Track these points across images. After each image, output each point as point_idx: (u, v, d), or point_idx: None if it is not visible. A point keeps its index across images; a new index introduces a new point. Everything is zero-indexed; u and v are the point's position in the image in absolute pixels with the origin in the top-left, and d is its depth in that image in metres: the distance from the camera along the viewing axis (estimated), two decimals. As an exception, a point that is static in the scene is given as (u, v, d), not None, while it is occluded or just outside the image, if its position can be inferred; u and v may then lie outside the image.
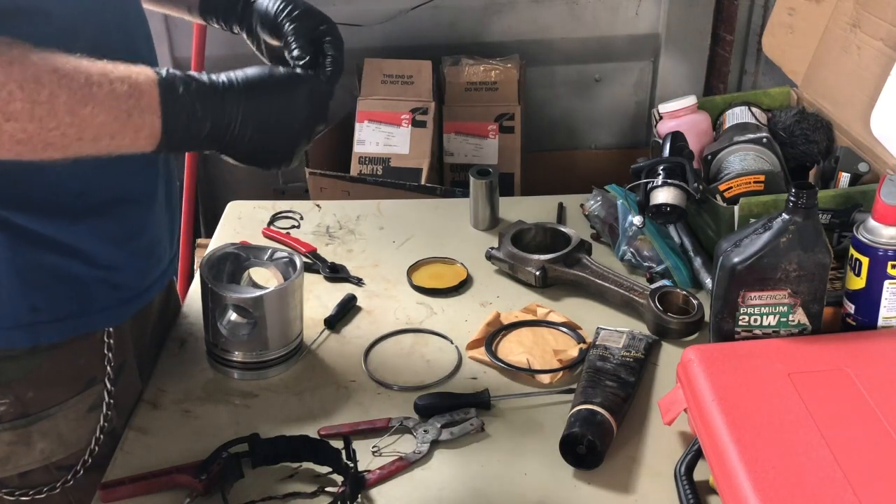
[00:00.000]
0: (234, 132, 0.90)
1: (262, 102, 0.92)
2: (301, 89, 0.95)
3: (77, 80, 0.81)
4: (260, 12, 1.08)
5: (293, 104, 0.94)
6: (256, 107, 0.91)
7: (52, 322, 1.01)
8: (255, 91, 0.92)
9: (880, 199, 1.04)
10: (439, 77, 2.42)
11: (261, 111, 0.91)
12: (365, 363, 1.20)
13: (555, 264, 1.34)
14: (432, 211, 1.60)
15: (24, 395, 1.02)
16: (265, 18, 1.08)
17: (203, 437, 1.06)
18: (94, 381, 1.07)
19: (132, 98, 0.84)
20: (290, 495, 0.98)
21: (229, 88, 0.90)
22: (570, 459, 1.01)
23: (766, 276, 1.06)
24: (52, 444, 1.05)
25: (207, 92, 0.89)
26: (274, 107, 0.93)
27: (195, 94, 0.88)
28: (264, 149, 0.94)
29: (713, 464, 0.92)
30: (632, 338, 1.20)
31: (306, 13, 1.06)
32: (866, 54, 1.40)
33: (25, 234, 0.96)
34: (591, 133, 2.72)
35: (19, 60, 0.79)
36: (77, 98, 0.81)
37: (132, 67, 0.86)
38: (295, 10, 1.05)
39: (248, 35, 1.13)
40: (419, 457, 1.03)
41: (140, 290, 1.11)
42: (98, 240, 1.02)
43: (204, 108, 0.88)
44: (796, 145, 1.43)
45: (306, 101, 0.95)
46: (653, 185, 1.32)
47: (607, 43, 2.59)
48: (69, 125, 0.81)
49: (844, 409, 0.92)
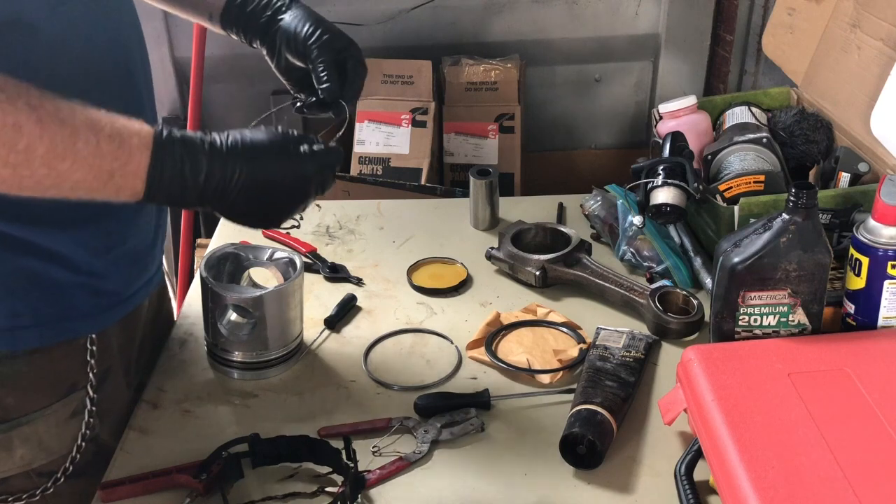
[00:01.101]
0: (228, 198, 0.88)
1: (262, 173, 0.89)
2: (307, 165, 0.92)
3: (61, 134, 0.78)
4: (287, 33, 1.07)
5: (295, 180, 0.92)
6: (254, 177, 0.88)
7: (32, 327, 0.99)
8: (256, 162, 0.88)
9: (880, 199, 1.04)
10: (439, 77, 2.42)
11: (258, 182, 0.89)
12: (365, 363, 1.20)
13: (555, 264, 1.34)
14: (432, 211, 1.60)
15: (4, 399, 1.00)
16: (292, 40, 1.07)
17: (203, 437, 1.06)
18: (76, 387, 1.05)
19: (118, 160, 0.82)
20: (290, 495, 0.98)
21: (231, 152, 0.87)
22: (570, 459, 1.01)
23: (766, 276, 1.06)
24: (32, 451, 1.03)
25: (203, 160, 0.85)
26: (273, 179, 0.90)
27: (189, 166, 0.85)
28: (254, 214, 0.93)
29: (713, 464, 0.92)
30: (632, 338, 1.20)
31: (334, 38, 1.05)
32: (866, 54, 1.40)
33: (5, 238, 0.94)
34: (591, 133, 2.72)
35: (4, 105, 0.76)
36: (56, 152, 0.78)
37: (129, 125, 0.83)
38: (324, 35, 1.05)
39: (268, 52, 1.10)
40: (419, 457, 1.03)
41: (124, 297, 1.09)
42: (80, 247, 1.00)
43: (195, 177, 0.85)
44: (796, 145, 1.43)
45: (309, 178, 0.93)
46: (653, 185, 1.32)
47: (607, 43, 2.59)
48: (45, 176, 0.79)
49: (844, 409, 0.92)
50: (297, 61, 1.08)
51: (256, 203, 0.91)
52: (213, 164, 0.86)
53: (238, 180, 0.87)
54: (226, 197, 0.88)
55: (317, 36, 1.05)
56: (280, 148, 0.91)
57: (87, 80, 0.94)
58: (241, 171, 0.87)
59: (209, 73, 2.28)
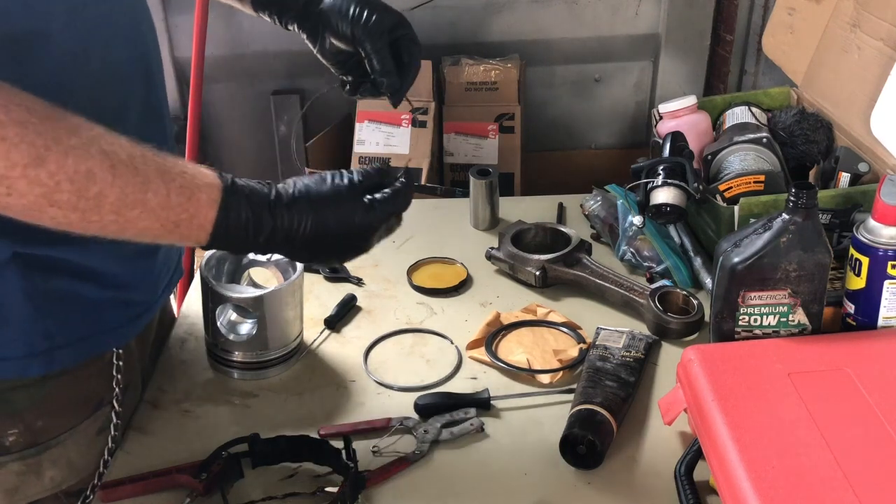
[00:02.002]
0: (292, 247, 0.88)
1: (325, 226, 0.88)
2: (372, 216, 0.91)
3: (132, 182, 0.78)
4: (331, 16, 1.03)
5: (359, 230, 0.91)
6: (317, 230, 0.88)
7: (65, 347, 0.97)
8: (320, 215, 0.88)
9: (880, 199, 1.04)
10: (439, 77, 2.42)
11: (321, 235, 0.88)
12: (365, 363, 1.20)
13: (555, 264, 1.34)
14: (432, 211, 1.60)
15: (34, 423, 0.98)
16: (338, 23, 1.02)
17: (203, 437, 1.06)
18: (103, 403, 1.04)
19: (186, 213, 0.81)
20: (290, 495, 0.98)
21: (295, 206, 0.87)
22: (570, 459, 1.01)
23: (766, 276, 1.06)
24: (62, 472, 1.01)
25: (267, 216, 0.85)
26: (337, 231, 0.89)
27: (253, 223, 0.85)
28: (318, 259, 0.94)
29: (713, 464, 0.91)
30: (632, 338, 1.20)
31: (383, 17, 1.01)
32: (866, 54, 1.40)
33: (37, 260, 0.92)
34: (591, 133, 2.72)
35: (78, 150, 0.75)
36: (126, 201, 0.78)
37: (197, 176, 0.82)
38: (373, 15, 1.01)
39: (308, 36, 1.07)
40: (419, 457, 1.03)
41: (150, 304, 1.08)
42: (110, 259, 0.98)
43: (257, 232, 0.85)
44: (796, 145, 1.43)
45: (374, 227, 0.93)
46: (653, 185, 1.32)
47: (607, 43, 2.59)
48: (112, 222, 0.78)
49: (844, 409, 0.92)
50: (343, 45, 1.04)
51: (320, 250, 0.91)
52: (277, 219, 0.86)
53: (302, 233, 0.88)
54: (289, 245, 0.88)
55: (365, 18, 1.00)
56: (344, 200, 0.90)
57: (109, 87, 0.92)
58: (305, 225, 0.87)
59: (209, 73, 2.29)
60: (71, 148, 0.75)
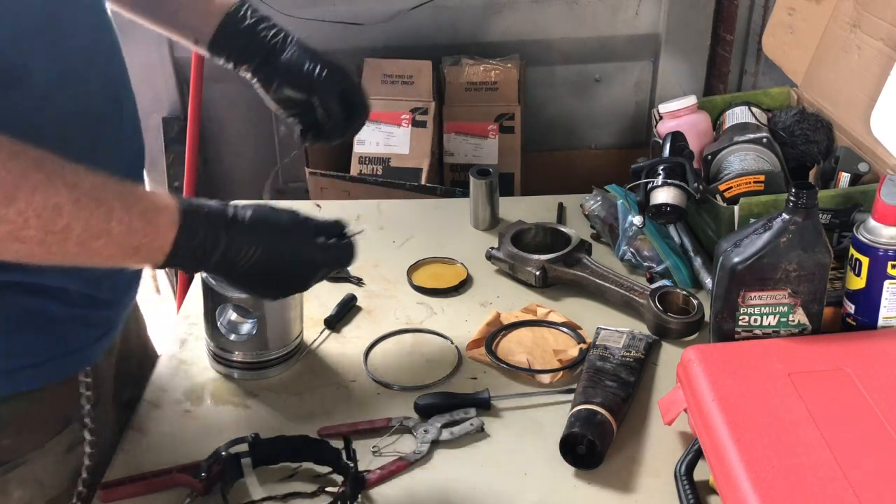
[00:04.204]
0: (236, 271, 0.91)
1: (274, 256, 0.91)
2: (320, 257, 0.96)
3: (97, 214, 0.79)
4: (288, 69, 1.11)
5: (304, 268, 0.95)
6: (265, 258, 0.91)
7: (29, 368, 0.95)
8: (272, 244, 0.91)
9: (880, 199, 1.04)
10: (439, 77, 2.42)
11: (267, 264, 0.91)
12: (365, 363, 1.20)
13: (555, 264, 1.34)
14: (432, 211, 1.60)
15: (0, 442, 0.96)
16: (295, 76, 1.11)
17: (203, 437, 1.06)
18: (70, 420, 1.01)
19: (147, 237, 0.83)
20: (290, 495, 0.98)
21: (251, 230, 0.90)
22: (570, 459, 1.01)
23: (766, 276, 1.06)
24: (30, 491, 0.99)
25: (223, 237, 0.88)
26: (282, 267, 0.93)
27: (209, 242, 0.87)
28: (255, 288, 0.96)
29: (713, 464, 0.92)
30: (632, 338, 1.20)
31: (336, 72, 1.11)
32: (866, 54, 1.40)
33: None
34: (591, 133, 2.72)
35: (45, 185, 0.75)
36: (93, 231, 0.79)
37: (157, 201, 0.85)
38: (325, 70, 1.11)
39: (262, 83, 1.14)
40: (419, 457, 1.03)
41: (115, 323, 1.07)
42: (77, 280, 0.97)
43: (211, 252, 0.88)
44: (796, 145, 1.43)
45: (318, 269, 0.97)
46: (653, 185, 1.32)
47: (607, 43, 2.59)
48: (76, 253, 0.79)
49: (844, 409, 0.92)
50: (297, 94, 1.13)
51: (260, 280, 0.93)
52: (232, 241, 0.88)
53: (250, 259, 0.90)
54: (233, 270, 0.91)
55: (318, 72, 1.10)
56: (299, 233, 0.94)
57: (80, 123, 0.93)
58: (256, 251, 0.90)
59: (209, 73, 2.28)
60: (38, 183, 0.75)
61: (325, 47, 1.15)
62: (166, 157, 2.56)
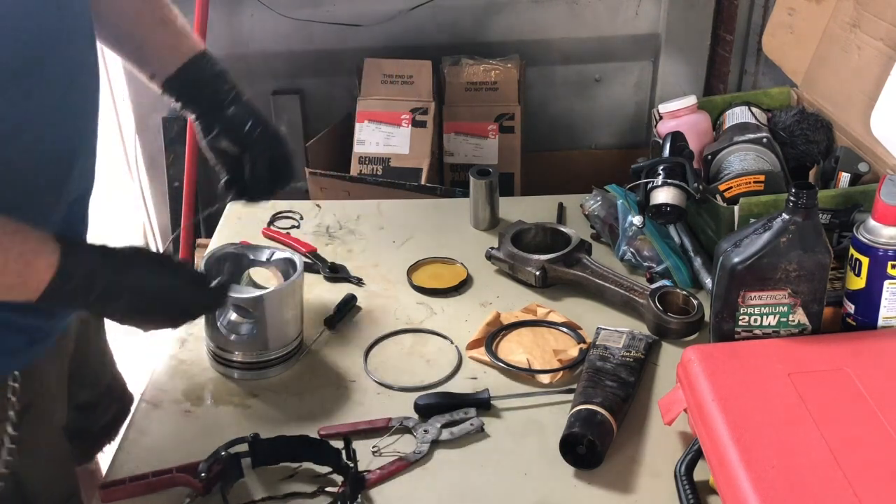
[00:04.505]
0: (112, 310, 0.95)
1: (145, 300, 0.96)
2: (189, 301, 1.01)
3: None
4: (230, 122, 1.15)
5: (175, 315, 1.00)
6: (136, 302, 0.95)
7: None
8: (144, 286, 0.96)
9: (880, 199, 1.04)
10: (439, 77, 2.42)
11: (138, 304, 0.96)
12: (365, 363, 1.20)
13: (555, 264, 1.34)
14: (432, 211, 1.60)
15: None
16: (234, 130, 1.15)
17: (203, 437, 1.06)
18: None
19: (21, 277, 0.87)
20: (290, 495, 0.98)
21: (123, 273, 0.94)
22: (570, 459, 1.01)
23: (766, 276, 1.06)
24: None
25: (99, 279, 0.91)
26: (151, 313, 0.98)
27: (82, 289, 0.90)
28: (124, 322, 0.98)
29: (713, 464, 0.91)
30: (632, 338, 1.20)
31: (272, 138, 1.17)
32: (866, 54, 1.40)
33: None
34: (591, 133, 2.72)
35: None
36: None
37: (39, 249, 0.88)
38: (264, 134, 1.16)
39: (203, 128, 1.17)
40: (419, 457, 1.03)
41: (50, 330, 1.05)
42: None
43: (85, 296, 0.91)
44: (796, 145, 1.43)
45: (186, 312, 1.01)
46: (653, 185, 1.32)
47: (607, 43, 2.59)
48: None
49: (844, 409, 0.92)
50: (231, 148, 1.17)
51: (131, 318, 0.97)
52: (106, 287, 0.92)
53: (123, 301, 0.94)
54: (105, 310, 0.96)
55: (255, 133, 1.15)
56: (167, 282, 0.98)
57: (20, 170, 0.93)
58: (128, 294, 0.94)
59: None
60: None
61: (326, 47, 1.16)
62: (166, 157, 2.56)
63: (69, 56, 0.95)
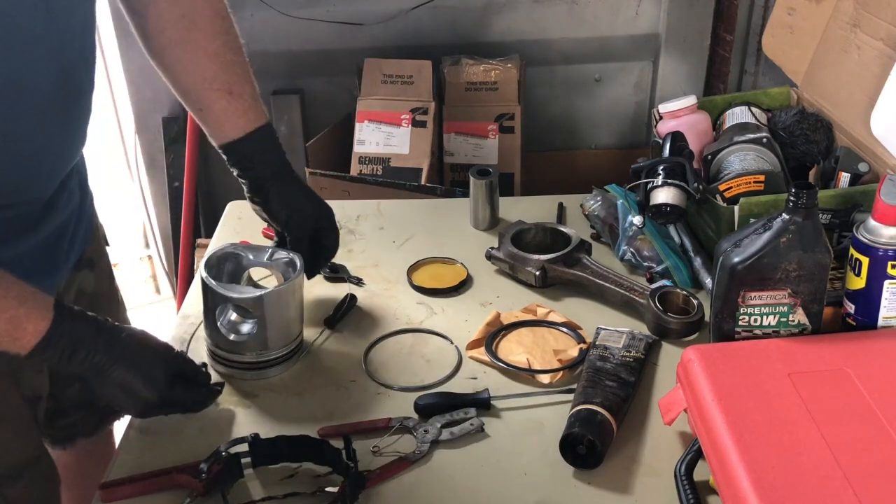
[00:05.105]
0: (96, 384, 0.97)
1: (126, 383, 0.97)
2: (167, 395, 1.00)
3: None
4: (269, 200, 1.20)
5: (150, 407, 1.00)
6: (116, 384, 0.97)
7: None
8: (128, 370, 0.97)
9: (880, 199, 1.04)
10: (439, 77, 2.42)
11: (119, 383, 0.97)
12: (365, 363, 1.20)
13: (555, 264, 1.34)
14: (432, 211, 1.60)
15: None
16: (271, 210, 1.21)
17: (203, 437, 1.06)
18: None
19: (10, 336, 0.89)
20: (290, 495, 0.98)
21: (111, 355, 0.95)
22: (570, 459, 1.01)
23: (766, 276, 1.06)
24: None
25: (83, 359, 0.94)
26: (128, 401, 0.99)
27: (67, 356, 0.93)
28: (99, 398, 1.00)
29: (713, 464, 0.91)
30: (632, 338, 1.20)
31: (307, 220, 1.22)
32: (866, 54, 1.40)
33: None
34: (591, 133, 2.72)
35: None
36: None
37: (31, 306, 0.90)
38: (299, 218, 1.21)
39: (252, 202, 1.22)
40: (419, 457, 1.03)
41: None
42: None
43: (73, 365, 0.93)
44: (796, 145, 1.43)
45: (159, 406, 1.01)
46: (653, 185, 1.32)
47: (607, 43, 2.59)
48: None
49: (844, 409, 0.92)
50: (273, 225, 1.24)
51: (105, 395, 0.98)
52: (95, 362, 0.95)
53: (103, 377, 0.96)
54: (91, 383, 0.97)
55: (294, 221, 1.21)
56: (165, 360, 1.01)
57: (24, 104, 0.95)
58: (113, 374, 0.96)
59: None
60: None
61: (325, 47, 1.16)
62: (166, 157, 2.56)
63: None
